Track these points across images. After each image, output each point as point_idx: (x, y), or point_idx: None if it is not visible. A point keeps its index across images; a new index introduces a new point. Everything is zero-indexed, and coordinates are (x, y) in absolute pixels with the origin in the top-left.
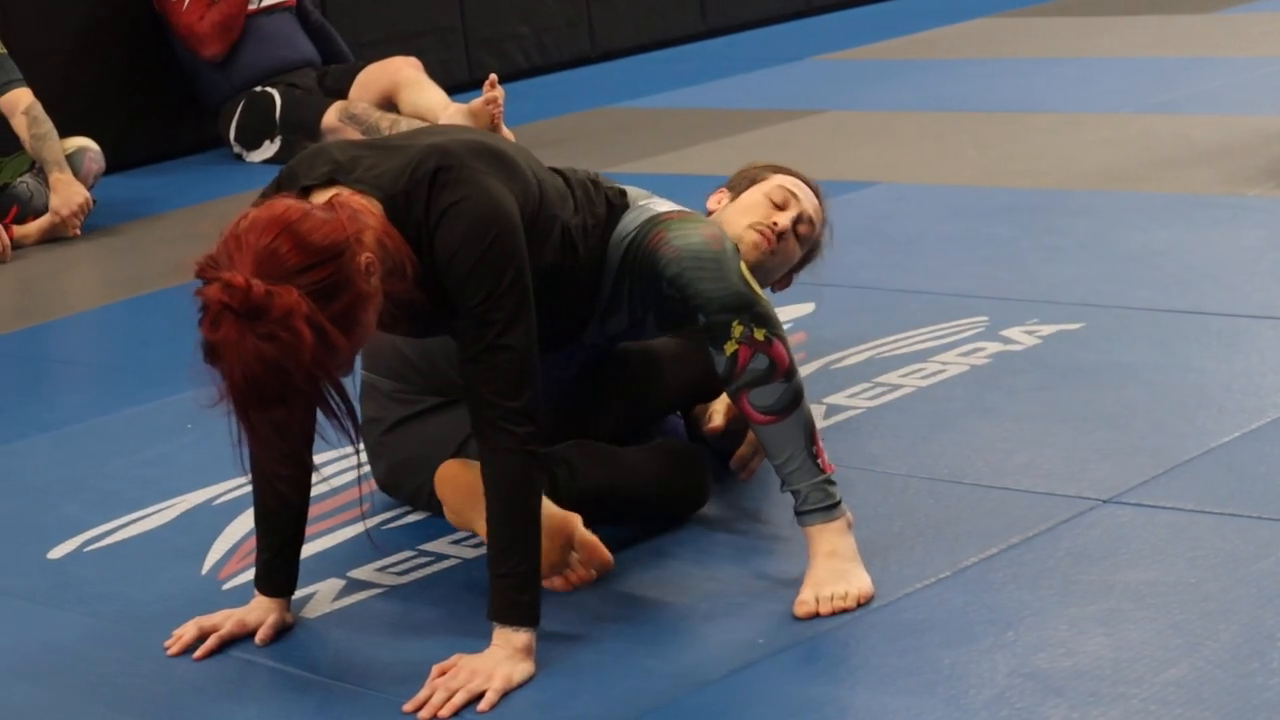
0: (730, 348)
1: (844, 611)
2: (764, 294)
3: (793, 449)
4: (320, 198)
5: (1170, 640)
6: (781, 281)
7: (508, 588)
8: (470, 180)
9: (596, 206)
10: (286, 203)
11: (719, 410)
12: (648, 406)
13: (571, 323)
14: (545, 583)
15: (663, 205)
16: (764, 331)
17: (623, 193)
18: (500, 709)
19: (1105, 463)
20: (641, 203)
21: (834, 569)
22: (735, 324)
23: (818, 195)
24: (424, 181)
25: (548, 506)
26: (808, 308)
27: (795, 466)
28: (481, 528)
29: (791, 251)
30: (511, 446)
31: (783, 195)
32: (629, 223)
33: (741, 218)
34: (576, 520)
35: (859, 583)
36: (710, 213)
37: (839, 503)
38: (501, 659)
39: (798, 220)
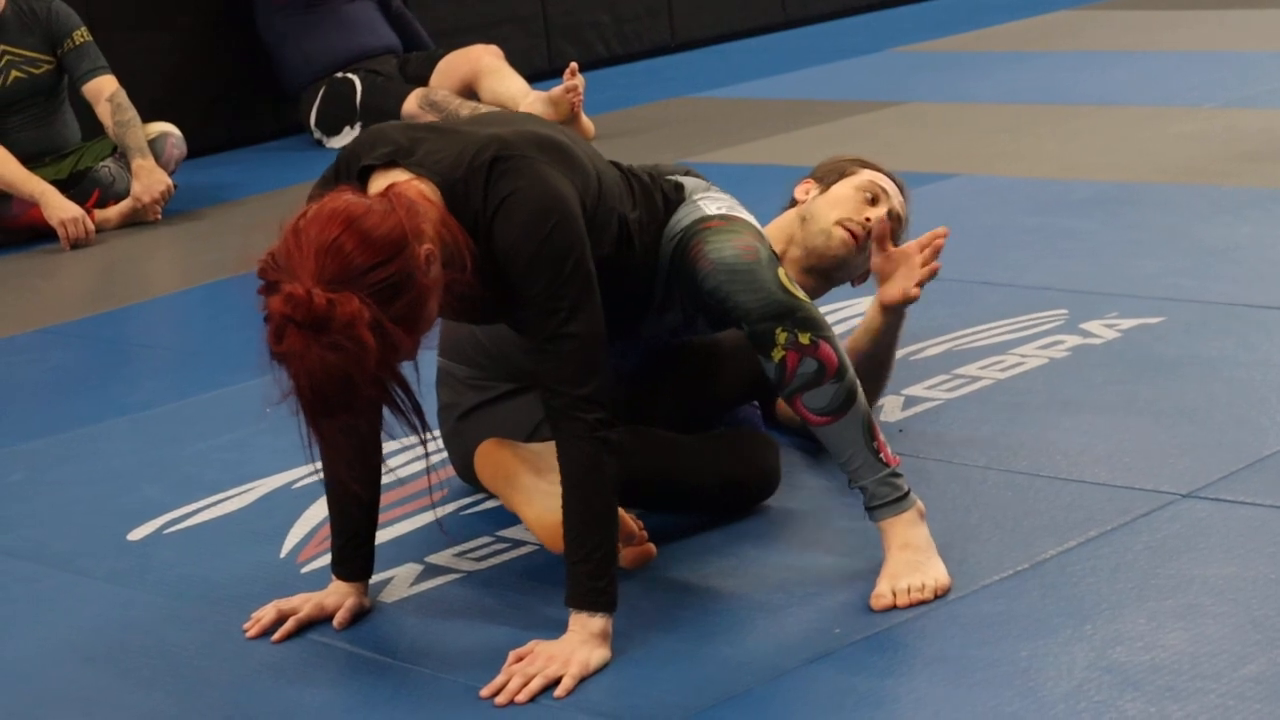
0: (777, 354)
1: (921, 603)
2: (805, 297)
3: (853, 447)
4: (380, 180)
5: (1249, 635)
6: (862, 276)
7: (584, 574)
8: (527, 170)
9: (654, 202)
10: (346, 198)
11: None
12: (709, 398)
13: (628, 316)
14: None
15: (713, 204)
16: (808, 335)
17: (679, 186)
18: (576, 695)
19: (1184, 457)
20: (697, 198)
21: (909, 561)
22: (779, 331)
23: (902, 191)
24: (481, 170)
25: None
26: None
27: (859, 464)
28: (519, 507)
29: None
30: (581, 433)
31: (874, 190)
32: (679, 220)
33: (831, 210)
34: None
35: (935, 574)
36: (798, 202)
37: (907, 494)
38: (578, 644)
39: (888, 216)
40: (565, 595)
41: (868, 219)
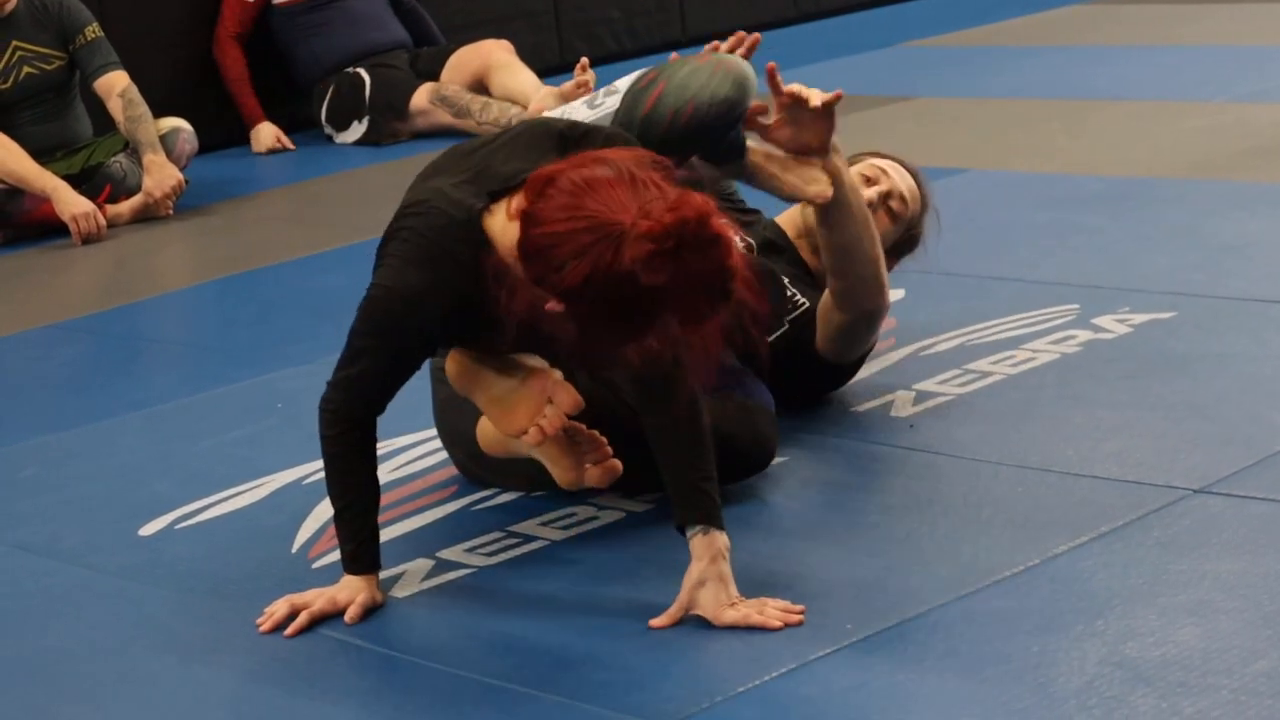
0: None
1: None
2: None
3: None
4: (499, 213)
5: (1260, 631)
6: None
7: (710, 491)
8: (592, 125)
9: None
10: (567, 178)
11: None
12: None
13: None
14: (524, 438)
15: (578, 113)
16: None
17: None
18: (586, 690)
19: (1196, 452)
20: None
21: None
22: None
23: (918, 180)
24: (563, 140)
25: (522, 362)
26: (898, 294)
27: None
28: (476, 389)
29: (881, 227)
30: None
31: (873, 172)
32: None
33: None
34: (554, 372)
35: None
36: None
37: None
38: (727, 575)
39: (888, 196)
40: (687, 516)
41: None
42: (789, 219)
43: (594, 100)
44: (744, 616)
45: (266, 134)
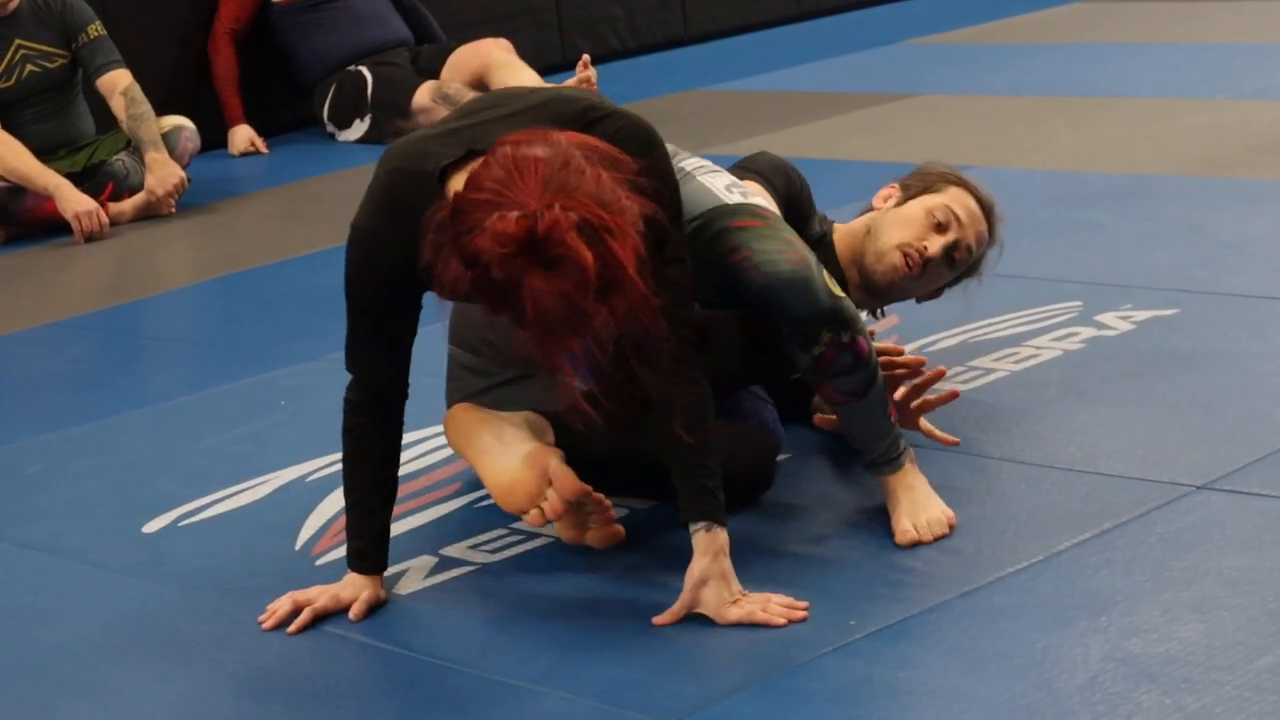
0: (817, 350)
1: (942, 538)
2: (843, 294)
3: (873, 420)
4: (461, 177)
5: (1264, 627)
6: (929, 295)
7: (712, 488)
8: (613, 109)
9: None
10: (507, 151)
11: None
12: None
13: None
14: (525, 518)
15: (709, 178)
16: (849, 334)
17: None
18: (591, 687)
19: (1199, 448)
20: (686, 166)
21: (919, 501)
22: (824, 332)
23: (990, 215)
24: (577, 123)
25: (525, 441)
26: None
27: (873, 432)
28: (478, 465)
29: (938, 276)
30: (700, 363)
31: (946, 216)
32: (688, 200)
33: (896, 231)
34: (555, 453)
35: (944, 510)
36: (874, 209)
37: (905, 446)
38: (729, 572)
39: (954, 247)
40: (689, 512)
41: (925, 248)
42: (845, 238)
43: (701, 169)
44: (747, 614)
45: (241, 137)
